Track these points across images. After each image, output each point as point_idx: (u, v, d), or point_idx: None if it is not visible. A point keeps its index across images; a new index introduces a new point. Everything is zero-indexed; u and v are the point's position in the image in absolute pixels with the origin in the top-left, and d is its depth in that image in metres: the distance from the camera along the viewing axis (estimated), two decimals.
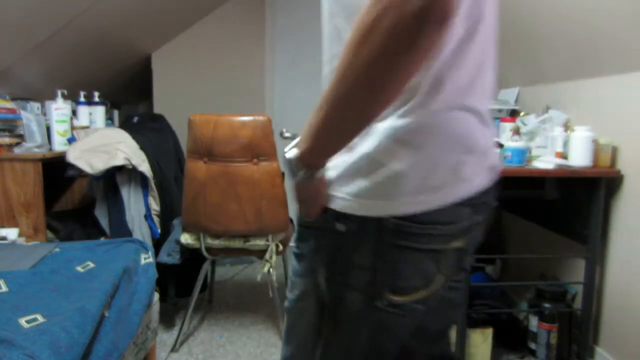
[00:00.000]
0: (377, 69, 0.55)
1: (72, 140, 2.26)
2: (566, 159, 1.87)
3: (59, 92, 2.32)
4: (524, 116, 2.28)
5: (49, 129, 2.27)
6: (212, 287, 2.62)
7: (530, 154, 2.01)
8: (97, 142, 2.13)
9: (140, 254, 1.66)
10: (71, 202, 2.78)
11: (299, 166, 0.71)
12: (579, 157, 1.80)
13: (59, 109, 2.28)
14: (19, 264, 1.48)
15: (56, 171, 2.27)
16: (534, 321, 1.99)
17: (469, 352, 1.93)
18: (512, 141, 1.93)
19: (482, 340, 1.95)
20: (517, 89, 2.61)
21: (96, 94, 2.75)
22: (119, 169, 2.11)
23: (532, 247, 2.46)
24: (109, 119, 2.98)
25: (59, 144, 2.26)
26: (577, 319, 1.97)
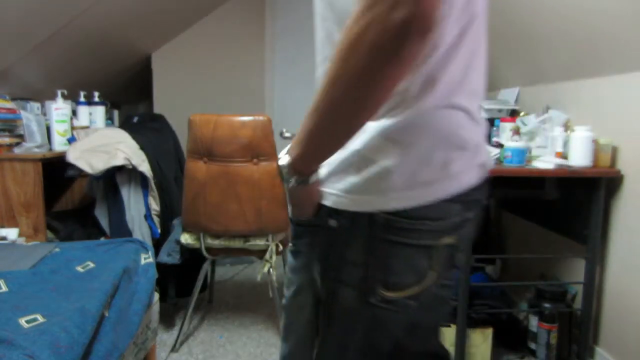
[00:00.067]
0: (363, 79, 0.57)
1: (72, 140, 2.26)
2: (566, 159, 1.87)
3: (59, 92, 2.32)
4: (524, 116, 2.28)
5: (49, 129, 2.27)
6: (212, 287, 2.62)
7: (530, 154, 2.01)
8: (97, 142, 2.13)
9: (140, 254, 1.66)
10: (71, 202, 2.78)
11: (290, 173, 0.73)
12: (579, 157, 1.80)
13: (59, 109, 2.28)
14: (19, 264, 1.48)
15: (56, 171, 2.27)
16: (534, 321, 2.00)
17: (469, 352, 1.93)
18: (512, 141, 1.93)
19: (482, 340, 1.95)
20: (517, 89, 2.61)
21: (96, 94, 2.75)
22: (119, 169, 2.11)
23: (532, 247, 2.46)
24: (109, 119, 2.98)
25: (59, 144, 2.27)
26: (577, 319, 1.97)
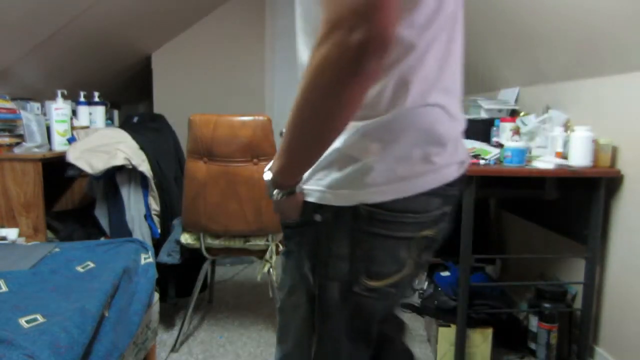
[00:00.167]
0: (330, 97, 0.62)
1: (72, 140, 2.26)
2: (566, 159, 1.87)
3: (59, 92, 2.32)
4: (524, 116, 2.28)
5: (49, 129, 2.27)
6: (212, 287, 2.61)
7: (530, 154, 2.01)
8: (97, 142, 2.13)
9: (140, 254, 1.66)
10: (71, 202, 2.78)
11: (273, 187, 0.77)
12: (579, 157, 1.80)
13: (59, 109, 2.28)
14: (19, 264, 1.48)
15: (56, 171, 2.27)
16: (534, 321, 1.99)
17: (469, 352, 1.93)
18: (512, 141, 1.93)
19: (482, 340, 1.95)
20: (517, 89, 2.61)
21: (96, 94, 2.75)
22: (119, 169, 2.11)
23: (532, 247, 2.46)
24: (109, 119, 2.98)
25: (59, 144, 2.27)
26: (577, 319, 1.97)
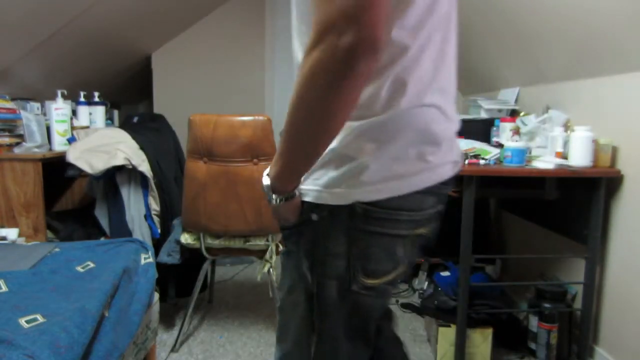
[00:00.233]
0: (323, 101, 0.63)
1: (72, 140, 2.26)
2: (566, 159, 1.87)
3: (59, 92, 2.32)
4: (524, 116, 2.28)
5: (49, 129, 2.27)
6: (212, 287, 2.61)
7: (530, 154, 2.01)
8: (97, 142, 2.13)
9: (140, 254, 1.66)
10: (71, 202, 2.78)
11: (271, 193, 0.78)
12: (579, 157, 1.80)
13: (59, 109, 2.28)
14: (19, 264, 1.48)
15: (56, 171, 2.27)
16: (534, 321, 2.00)
17: (469, 352, 1.93)
18: (512, 141, 1.93)
19: (482, 340, 1.95)
20: (517, 89, 2.61)
21: (96, 94, 2.75)
22: (119, 169, 2.11)
23: (532, 247, 2.46)
24: (109, 119, 2.98)
25: (59, 144, 2.27)
26: (577, 319, 1.97)
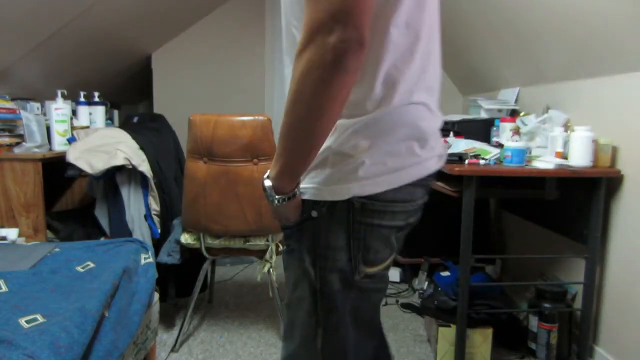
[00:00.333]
0: (320, 93, 0.68)
1: (72, 140, 2.26)
2: (566, 159, 1.87)
3: (59, 92, 2.32)
4: (524, 116, 2.28)
5: (49, 129, 2.26)
6: (212, 287, 2.61)
7: (530, 154, 2.01)
8: (97, 142, 2.13)
9: (140, 254, 1.66)
10: (71, 202, 2.78)
11: (273, 194, 0.80)
12: (579, 157, 1.80)
13: (59, 109, 2.28)
14: (19, 264, 1.48)
15: (56, 171, 2.27)
16: (534, 321, 2.00)
17: (469, 352, 1.93)
18: (512, 141, 1.93)
19: (482, 340, 1.95)
20: (517, 89, 2.61)
21: (96, 94, 2.75)
22: (119, 169, 2.11)
23: (532, 247, 2.46)
24: (109, 119, 2.98)
25: (59, 144, 2.26)
26: (577, 319, 1.97)
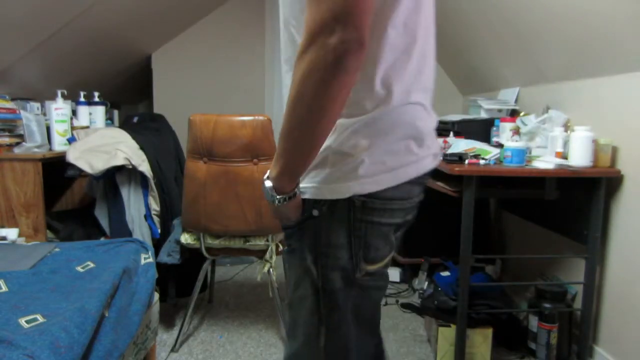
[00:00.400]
0: (321, 94, 0.68)
1: (72, 140, 2.26)
2: (566, 159, 1.87)
3: (59, 92, 2.32)
4: (524, 116, 2.28)
5: (49, 129, 2.26)
6: (212, 287, 2.61)
7: (530, 154, 2.01)
8: (97, 142, 2.13)
9: (140, 254, 1.66)
10: (71, 202, 2.78)
11: (273, 194, 0.80)
12: (579, 157, 1.80)
13: (59, 109, 2.28)
14: (19, 264, 1.48)
15: (56, 171, 2.27)
16: (534, 321, 2.00)
17: (469, 352, 1.93)
18: (512, 141, 1.93)
19: (482, 340, 1.95)
20: (517, 89, 2.61)
21: (96, 94, 2.75)
22: (119, 169, 2.11)
23: (532, 247, 2.46)
24: (109, 119, 2.98)
25: (59, 144, 2.26)
26: (577, 319, 1.97)
